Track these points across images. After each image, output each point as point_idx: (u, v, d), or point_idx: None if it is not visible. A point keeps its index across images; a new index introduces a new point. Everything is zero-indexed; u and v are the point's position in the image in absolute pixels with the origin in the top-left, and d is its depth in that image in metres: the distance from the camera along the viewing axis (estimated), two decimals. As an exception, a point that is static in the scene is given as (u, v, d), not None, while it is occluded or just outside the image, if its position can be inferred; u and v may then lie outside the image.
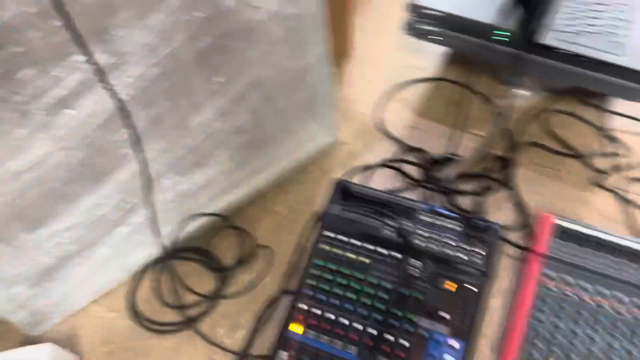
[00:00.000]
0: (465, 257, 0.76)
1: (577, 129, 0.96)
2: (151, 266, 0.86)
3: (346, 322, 0.73)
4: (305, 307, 0.74)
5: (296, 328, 0.73)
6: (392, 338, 0.71)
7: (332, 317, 0.73)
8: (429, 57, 1.09)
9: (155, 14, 0.57)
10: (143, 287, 0.84)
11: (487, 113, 0.99)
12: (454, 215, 0.79)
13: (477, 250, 0.76)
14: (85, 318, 0.82)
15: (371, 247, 0.78)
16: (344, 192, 0.82)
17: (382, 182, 0.92)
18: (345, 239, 0.79)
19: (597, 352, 0.69)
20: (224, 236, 0.88)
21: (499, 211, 0.87)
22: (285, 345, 0.72)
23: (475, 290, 0.73)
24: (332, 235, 0.79)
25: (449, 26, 0.91)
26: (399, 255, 0.76)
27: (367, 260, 0.77)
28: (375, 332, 0.72)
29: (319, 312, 0.74)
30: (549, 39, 0.83)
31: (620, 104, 0.97)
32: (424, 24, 0.92)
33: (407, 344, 0.70)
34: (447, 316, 0.72)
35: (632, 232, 0.83)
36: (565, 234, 0.78)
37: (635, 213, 0.85)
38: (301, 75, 0.79)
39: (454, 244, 0.77)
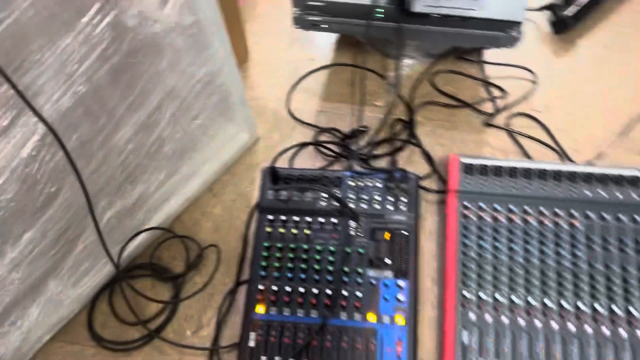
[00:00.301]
0: (392, 208, 0.84)
1: (461, 83, 1.09)
2: (103, 291, 0.87)
3: (303, 290, 0.79)
4: (263, 288, 0.80)
5: (259, 308, 0.78)
6: (346, 293, 0.78)
7: (289, 289, 0.79)
8: (322, 46, 1.18)
9: (65, 39, 0.61)
10: (99, 313, 0.85)
11: (382, 85, 1.10)
12: (375, 173, 0.88)
13: (400, 199, 0.85)
14: (48, 356, 0.81)
15: (309, 219, 0.84)
16: (274, 177, 0.88)
17: (305, 163, 0.99)
18: (284, 217, 0.85)
19: (518, 258, 0.80)
20: (168, 246, 0.91)
21: (411, 166, 0.97)
22: (252, 326, 0.77)
23: (407, 233, 0.82)
24: (272, 217, 0.85)
25: (332, 13, 1.00)
26: (335, 220, 0.84)
27: (309, 232, 0.83)
28: (330, 292, 0.78)
29: (276, 288, 0.79)
30: (419, 6, 0.94)
31: (491, 54, 1.11)
32: (310, 16, 1.01)
33: (360, 295, 0.78)
34: (389, 261, 0.80)
35: (523, 155, 0.97)
36: (471, 169, 0.89)
37: (522, 140, 0.99)
38: (211, 79, 0.85)
39: (380, 199, 0.85)
